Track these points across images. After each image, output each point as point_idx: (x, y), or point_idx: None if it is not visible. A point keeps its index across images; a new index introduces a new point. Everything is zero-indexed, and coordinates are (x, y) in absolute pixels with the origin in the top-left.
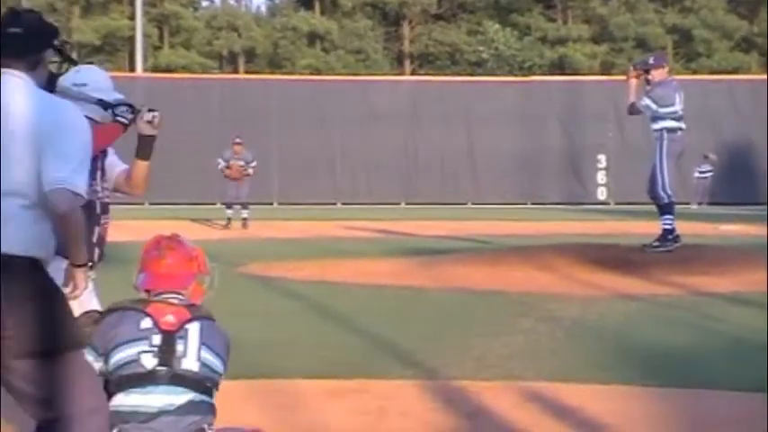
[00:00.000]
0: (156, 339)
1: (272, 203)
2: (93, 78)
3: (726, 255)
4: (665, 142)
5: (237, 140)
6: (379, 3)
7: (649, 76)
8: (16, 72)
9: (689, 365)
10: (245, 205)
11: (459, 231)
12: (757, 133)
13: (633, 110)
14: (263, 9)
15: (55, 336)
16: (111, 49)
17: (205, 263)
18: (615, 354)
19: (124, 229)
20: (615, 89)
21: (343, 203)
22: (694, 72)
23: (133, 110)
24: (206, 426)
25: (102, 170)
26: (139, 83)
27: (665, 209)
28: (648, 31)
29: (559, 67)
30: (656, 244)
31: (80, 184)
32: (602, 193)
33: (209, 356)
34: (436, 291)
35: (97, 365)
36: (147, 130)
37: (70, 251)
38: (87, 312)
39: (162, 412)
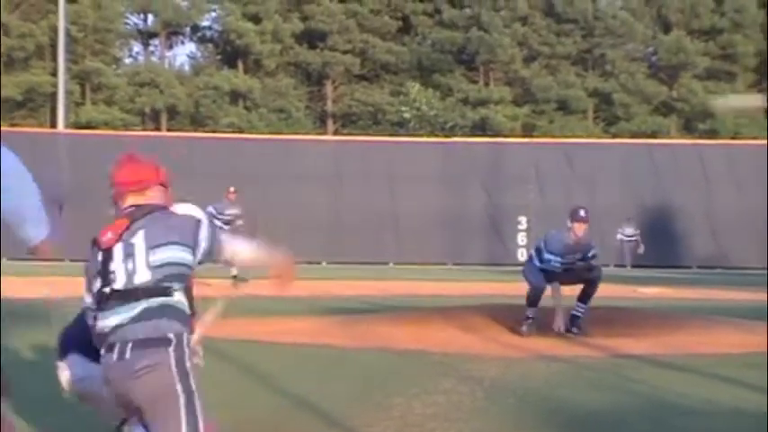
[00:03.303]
0: (99, 258)
1: None
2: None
3: (644, 317)
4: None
5: (232, 189)
6: (302, 62)
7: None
8: None
9: (609, 427)
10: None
11: (382, 291)
12: (677, 196)
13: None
14: (186, 67)
15: None
16: (33, 105)
17: (167, 177)
18: (536, 415)
19: (50, 283)
20: (536, 151)
21: None
22: (614, 135)
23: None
24: (172, 334)
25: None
26: (61, 139)
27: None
28: (570, 94)
29: (481, 128)
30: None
31: (39, 234)
32: (522, 255)
33: (161, 255)
34: (358, 350)
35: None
36: None
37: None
38: None
39: (117, 327)
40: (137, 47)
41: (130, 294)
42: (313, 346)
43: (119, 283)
